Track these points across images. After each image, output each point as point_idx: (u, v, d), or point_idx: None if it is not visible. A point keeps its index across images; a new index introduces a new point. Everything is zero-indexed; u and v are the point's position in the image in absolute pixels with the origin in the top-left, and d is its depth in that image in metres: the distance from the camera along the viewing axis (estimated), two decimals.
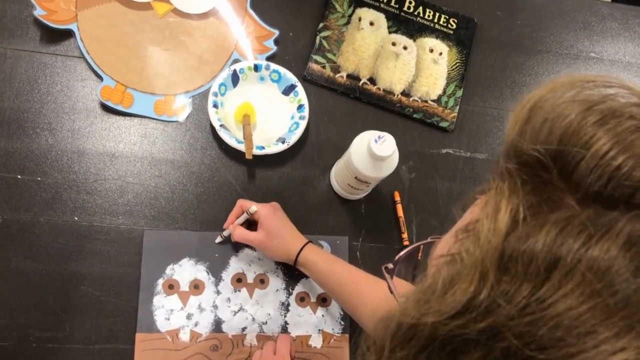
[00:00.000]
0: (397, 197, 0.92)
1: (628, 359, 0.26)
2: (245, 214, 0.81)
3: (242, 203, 0.83)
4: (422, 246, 0.48)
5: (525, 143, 0.31)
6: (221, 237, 0.84)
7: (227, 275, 0.83)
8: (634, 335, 0.26)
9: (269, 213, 0.80)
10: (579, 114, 0.30)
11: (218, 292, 0.82)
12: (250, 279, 0.84)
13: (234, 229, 0.81)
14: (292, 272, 0.85)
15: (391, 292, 0.45)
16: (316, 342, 0.84)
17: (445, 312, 0.30)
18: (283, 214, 0.82)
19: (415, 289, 0.33)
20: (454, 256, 0.32)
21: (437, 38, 1.02)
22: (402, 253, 0.47)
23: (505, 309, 0.28)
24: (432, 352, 0.31)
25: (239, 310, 0.82)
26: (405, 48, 0.99)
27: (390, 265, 0.47)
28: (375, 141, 0.74)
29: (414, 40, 1.00)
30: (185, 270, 0.82)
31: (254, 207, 0.80)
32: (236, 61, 0.92)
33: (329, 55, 0.96)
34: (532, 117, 0.32)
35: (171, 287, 0.81)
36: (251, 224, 0.83)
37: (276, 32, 0.95)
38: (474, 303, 0.29)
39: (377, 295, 0.73)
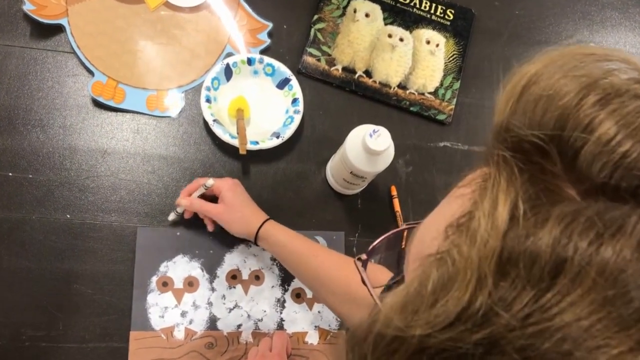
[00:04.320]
0: (394, 192, 0.91)
1: None
2: (201, 188, 0.79)
3: (198, 180, 0.81)
4: (405, 233, 0.45)
5: (518, 125, 0.28)
6: (175, 213, 0.81)
7: (222, 272, 0.82)
8: None
9: (231, 186, 0.79)
10: (578, 93, 0.27)
11: (213, 289, 0.81)
12: (245, 275, 0.83)
13: (191, 200, 0.79)
14: None
15: (364, 284, 0.43)
16: (312, 338, 0.83)
17: (436, 324, 0.26)
18: (244, 190, 0.81)
19: (400, 293, 0.29)
20: (443, 257, 0.27)
21: (433, 29, 1.00)
22: (375, 243, 0.45)
23: (504, 319, 0.24)
24: None
25: (234, 307, 0.81)
26: (401, 40, 0.98)
27: (364, 257, 0.45)
28: (370, 135, 0.73)
29: (411, 32, 0.99)
30: (179, 268, 0.81)
31: (211, 180, 0.78)
32: (229, 55, 0.91)
33: (324, 48, 0.95)
34: (525, 95, 0.29)
35: (165, 284, 0.80)
36: (209, 200, 0.81)
37: (270, 25, 0.94)
38: (469, 312, 0.25)
39: (337, 269, 0.73)
